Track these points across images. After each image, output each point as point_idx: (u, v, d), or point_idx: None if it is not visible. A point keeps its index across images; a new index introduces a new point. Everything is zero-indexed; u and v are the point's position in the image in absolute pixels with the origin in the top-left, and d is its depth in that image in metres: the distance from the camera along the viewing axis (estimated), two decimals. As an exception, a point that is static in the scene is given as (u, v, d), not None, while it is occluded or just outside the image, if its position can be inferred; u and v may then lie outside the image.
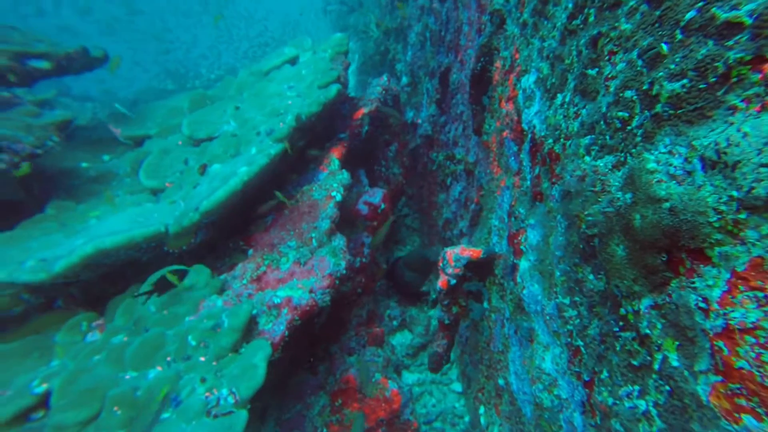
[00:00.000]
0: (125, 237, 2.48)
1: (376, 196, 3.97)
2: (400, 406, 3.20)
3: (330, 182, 3.09)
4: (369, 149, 5.11)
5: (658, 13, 0.87)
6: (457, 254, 2.15)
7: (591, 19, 1.14)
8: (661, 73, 0.84)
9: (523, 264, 1.65)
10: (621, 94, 0.98)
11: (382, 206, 3.93)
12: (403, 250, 6.24)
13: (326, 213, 2.84)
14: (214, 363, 2.06)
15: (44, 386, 2.19)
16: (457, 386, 3.96)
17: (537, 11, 1.57)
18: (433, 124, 5.30)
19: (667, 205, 0.77)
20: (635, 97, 0.93)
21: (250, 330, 2.24)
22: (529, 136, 1.65)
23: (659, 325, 0.81)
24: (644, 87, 0.89)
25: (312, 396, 3.42)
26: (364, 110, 4.28)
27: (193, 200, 2.91)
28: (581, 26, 1.23)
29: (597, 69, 1.10)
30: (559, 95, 1.37)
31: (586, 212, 1.04)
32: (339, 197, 2.95)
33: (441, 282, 2.19)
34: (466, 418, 3.60)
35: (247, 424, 1.79)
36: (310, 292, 2.43)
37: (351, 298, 3.91)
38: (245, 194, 2.86)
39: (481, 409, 2.44)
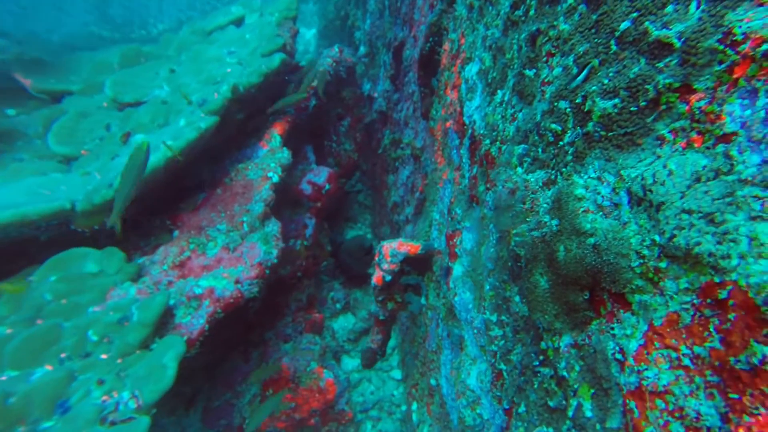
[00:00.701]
0: (15, 214, 2.21)
1: (320, 175, 3.81)
2: (335, 396, 3.15)
3: (268, 161, 2.90)
4: (318, 124, 4.90)
5: (594, 17, 0.78)
6: (393, 249, 2.06)
7: (531, 12, 1.04)
8: (594, 87, 0.75)
9: (457, 268, 1.58)
10: (555, 104, 0.89)
11: (327, 186, 3.79)
12: (354, 228, 6.13)
13: (260, 195, 2.67)
14: (118, 361, 1.89)
15: None
16: (397, 373, 3.96)
17: (485, -7, 1.45)
18: (387, 100, 5.13)
19: (591, 240, 0.69)
20: (569, 109, 0.84)
21: (164, 323, 2.08)
22: (470, 131, 1.55)
23: (577, 368, 0.75)
24: (577, 100, 0.80)
25: (243, 384, 3.31)
26: (313, 83, 4.05)
27: (109, 173, 2.65)
28: (523, 18, 1.12)
29: (534, 70, 1.00)
30: (499, 91, 1.28)
31: (514, 231, 0.96)
32: (276, 178, 2.78)
33: (376, 278, 2.10)
34: (404, 407, 3.61)
35: (149, 429, 1.65)
36: (236, 282, 2.27)
37: (290, 282, 3.79)
38: (169, 171, 2.63)
39: (414, 405, 2.42)
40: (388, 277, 2.07)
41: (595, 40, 0.77)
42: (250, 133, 3.68)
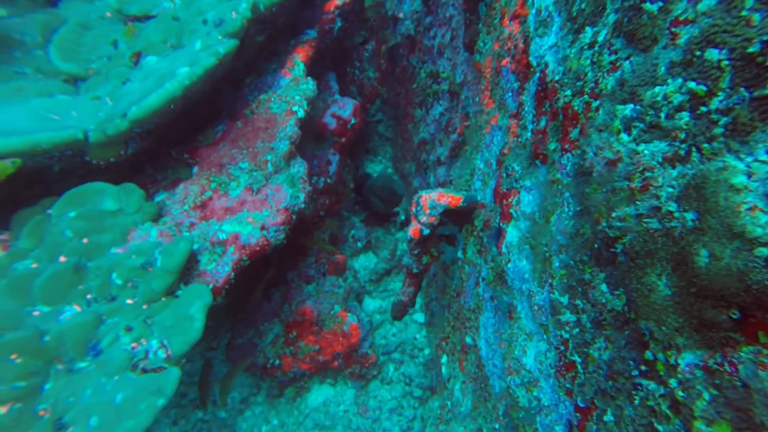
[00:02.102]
0: (26, 141, 2.09)
1: (346, 108, 3.59)
2: (359, 340, 3.18)
3: (292, 93, 2.70)
4: (341, 48, 4.57)
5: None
6: (433, 200, 1.92)
7: None
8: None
9: (512, 232, 1.45)
10: (698, 53, 0.69)
11: (353, 121, 3.58)
12: (374, 161, 5.97)
13: (285, 132, 2.50)
14: (144, 307, 1.86)
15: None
16: (420, 316, 3.99)
17: None
18: (416, 23, 4.74)
19: (763, 252, 0.54)
20: (726, 63, 0.65)
21: (189, 269, 2.02)
22: (537, 74, 1.34)
23: (707, 396, 0.63)
24: (751, 49, 0.61)
25: (265, 323, 3.36)
26: (337, 1, 3.70)
27: (121, 101, 2.48)
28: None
29: (661, 3, 0.79)
30: (588, 29, 1.06)
31: (613, 213, 0.81)
32: (302, 113, 2.59)
33: (412, 231, 1.99)
34: (426, 351, 3.67)
35: (179, 380, 1.64)
36: (262, 228, 2.18)
37: (313, 221, 3.72)
38: (187, 99, 2.46)
39: (444, 359, 2.40)
40: (427, 231, 1.95)
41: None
42: (269, 57, 3.43)
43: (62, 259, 1.98)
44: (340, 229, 4.22)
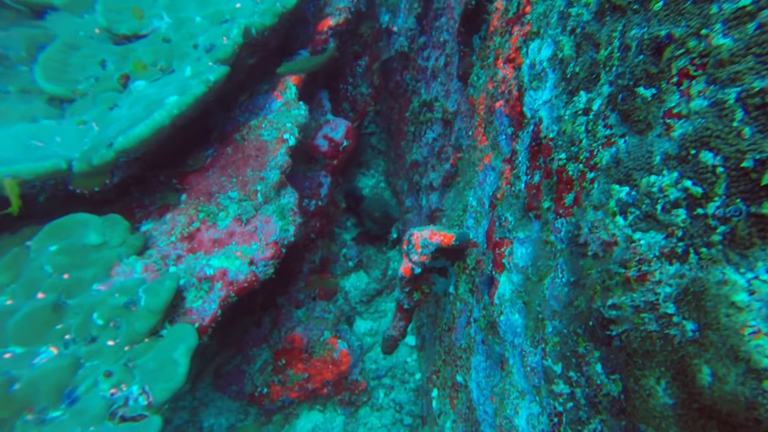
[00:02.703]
0: (5, 172, 2.05)
1: (338, 130, 3.57)
2: (349, 367, 3.15)
3: (283, 120, 2.68)
4: (334, 67, 4.57)
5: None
6: (425, 239, 1.90)
7: (658, 5, 0.80)
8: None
9: (504, 283, 1.43)
10: (692, 151, 0.68)
11: (345, 143, 3.57)
12: (366, 175, 5.96)
13: (276, 161, 2.47)
14: (126, 348, 1.82)
15: None
16: (411, 339, 3.96)
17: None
18: (411, 40, 4.74)
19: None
20: (721, 170, 0.64)
21: (174, 306, 1.99)
22: (532, 127, 1.33)
23: None
24: (745, 164, 0.60)
25: (254, 348, 3.31)
26: (331, 21, 3.70)
27: (108, 128, 2.45)
28: (636, 7, 0.88)
29: (654, 90, 0.78)
30: (583, 93, 1.05)
31: (609, 299, 0.79)
32: (293, 141, 2.57)
33: (404, 269, 1.97)
34: (417, 376, 3.64)
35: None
36: (251, 263, 2.15)
37: (304, 243, 3.69)
38: (176, 127, 2.43)
39: (434, 392, 2.38)
40: (418, 270, 1.93)
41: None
42: (261, 77, 3.41)
43: (40, 295, 1.93)
44: (331, 250, 4.19)
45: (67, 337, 1.82)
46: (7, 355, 1.74)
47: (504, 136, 1.65)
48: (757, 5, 0.62)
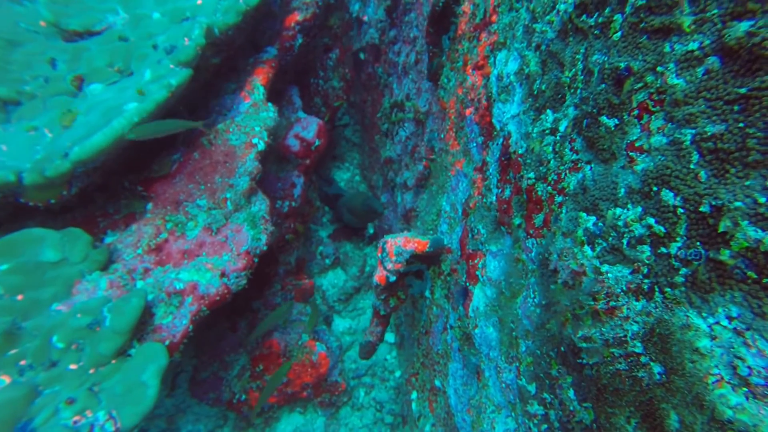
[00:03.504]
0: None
1: (309, 129, 3.52)
2: (328, 369, 3.14)
3: (252, 123, 2.61)
4: (304, 62, 4.48)
5: (743, 90, 0.56)
6: (399, 247, 1.90)
7: (616, 35, 0.80)
8: (739, 203, 0.55)
9: (478, 296, 1.44)
10: (655, 189, 0.69)
11: (317, 142, 3.51)
12: (341, 168, 5.92)
13: (245, 168, 2.42)
14: (90, 371, 1.76)
15: None
16: (390, 336, 3.98)
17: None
18: (381, 32, 4.70)
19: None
20: (681, 211, 0.64)
21: (143, 323, 1.93)
22: (501, 140, 1.33)
23: None
24: (702, 208, 0.61)
25: (231, 354, 3.27)
26: (298, 17, 3.61)
27: (62, 136, 2.34)
28: (597, 33, 0.87)
29: (616, 121, 0.78)
30: (550, 112, 1.05)
31: (579, 331, 0.80)
32: (262, 145, 2.51)
33: (378, 277, 1.96)
34: (397, 373, 3.66)
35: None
36: (222, 275, 2.11)
37: (279, 245, 3.64)
38: (137, 134, 2.34)
39: (414, 394, 2.40)
40: (393, 278, 1.93)
41: (741, 125, 0.56)
42: (227, 74, 3.32)
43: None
44: (307, 250, 4.16)
45: (22, 363, 1.74)
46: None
47: (474, 144, 1.65)
48: (702, 51, 0.62)
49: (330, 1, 4.39)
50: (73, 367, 1.73)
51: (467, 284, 1.55)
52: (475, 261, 1.48)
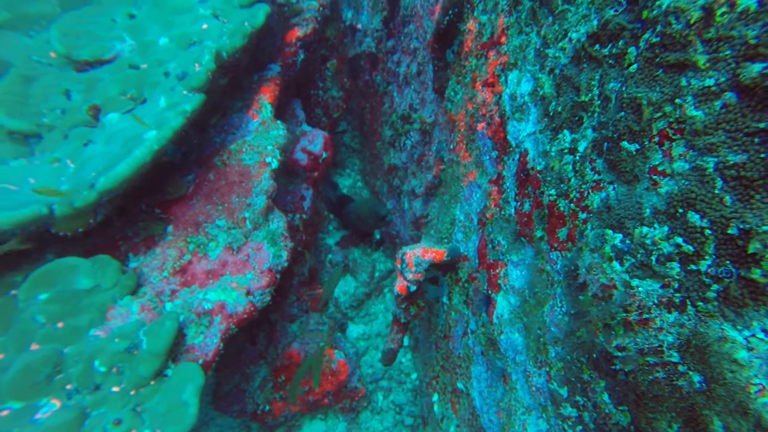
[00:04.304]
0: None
1: (316, 142, 3.57)
2: (347, 376, 3.20)
3: (264, 143, 2.67)
4: (305, 75, 4.54)
5: (762, 125, 0.62)
6: (418, 257, 1.95)
7: (632, 67, 0.85)
8: (765, 227, 0.61)
9: (502, 303, 1.50)
10: (680, 210, 0.75)
11: (324, 155, 3.57)
12: (342, 174, 5.97)
13: (261, 186, 2.47)
14: (131, 393, 1.81)
15: None
16: (404, 340, 4.03)
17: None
18: (378, 41, 4.75)
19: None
20: (709, 232, 0.70)
21: (176, 344, 1.98)
22: (517, 156, 1.39)
23: None
24: (730, 231, 0.66)
25: (251, 366, 3.32)
26: (299, 32, 3.67)
27: (85, 166, 2.39)
28: (612, 63, 0.93)
29: (638, 146, 0.84)
30: (567, 133, 1.11)
31: (613, 341, 0.86)
32: (275, 164, 2.57)
33: (399, 287, 2.02)
34: (413, 375, 3.72)
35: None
36: (248, 294, 2.16)
37: (292, 257, 3.69)
38: (155, 161, 2.40)
39: (435, 397, 2.45)
40: (413, 288, 1.98)
41: (763, 156, 0.62)
42: (233, 93, 3.37)
43: (35, 346, 1.90)
44: (316, 258, 4.21)
45: (68, 387, 1.80)
46: (4, 413, 1.72)
47: (488, 158, 1.70)
48: (719, 87, 0.68)
49: (326, 13, 4.44)
50: (115, 389, 1.79)
51: (489, 292, 1.60)
52: (497, 270, 1.54)
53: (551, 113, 1.17)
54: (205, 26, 3.06)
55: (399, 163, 3.84)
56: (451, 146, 2.22)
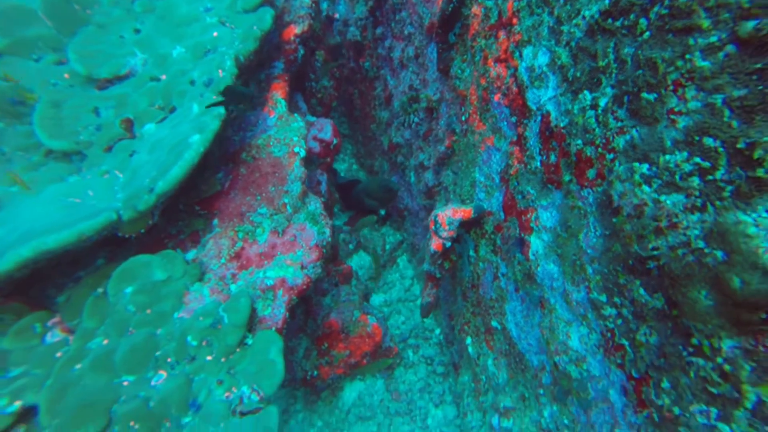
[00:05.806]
0: (73, 233, 2.15)
1: (325, 130, 3.73)
2: (382, 337, 3.44)
3: (289, 135, 2.83)
4: (302, 70, 4.66)
5: (758, 65, 0.84)
6: (449, 217, 2.17)
7: (645, 35, 1.07)
8: (765, 137, 0.84)
9: (536, 242, 1.73)
10: (697, 138, 0.97)
11: (335, 141, 3.74)
12: (336, 160, 6.12)
13: (295, 174, 2.65)
14: (222, 360, 2.02)
15: (17, 404, 2.03)
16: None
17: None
18: (362, 29, 4.89)
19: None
20: (721, 149, 0.93)
21: (251, 317, 2.18)
22: (539, 117, 1.61)
23: (748, 368, 0.93)
24: (739, 145, 0.89)
25: (292, 339, 3.53)
26: (296, 30, 3.79)
27: (137, 174, 2.54)
28: (624, 32, 1.14)
29: (656, 95, 1.06)
30: (587, 93, 1.32)
31: (648, 243, 1.09)
32: (303, 153, 2.74)
33: (435, 245, 2.24)
34: (437, 331, 3.99)
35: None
36: (302, 268, 2.36)
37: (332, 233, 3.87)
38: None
39: (468, 340, 2.71)
40: (449, 244, 2.21)
41: (760, 87, 0.84)
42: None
43: (132, 331, 2.09)
44: (336, 239, 4.41)
45: (169, 360, 2.00)
46: (125, 383, 1.92)
47: (506, 123, 1.92)
48: (721, 42, 0.90)
49: (317, 9, 4.55)
50: (209, 358, 1.99)
51: (522, 235, 1.84)
52: (528, 215, 1.77)
53: (570, 78, 1.39)
54: (215, 34, 3.17)
55: (402, 141, 4.02)
56: (463, 118, 2.42)
